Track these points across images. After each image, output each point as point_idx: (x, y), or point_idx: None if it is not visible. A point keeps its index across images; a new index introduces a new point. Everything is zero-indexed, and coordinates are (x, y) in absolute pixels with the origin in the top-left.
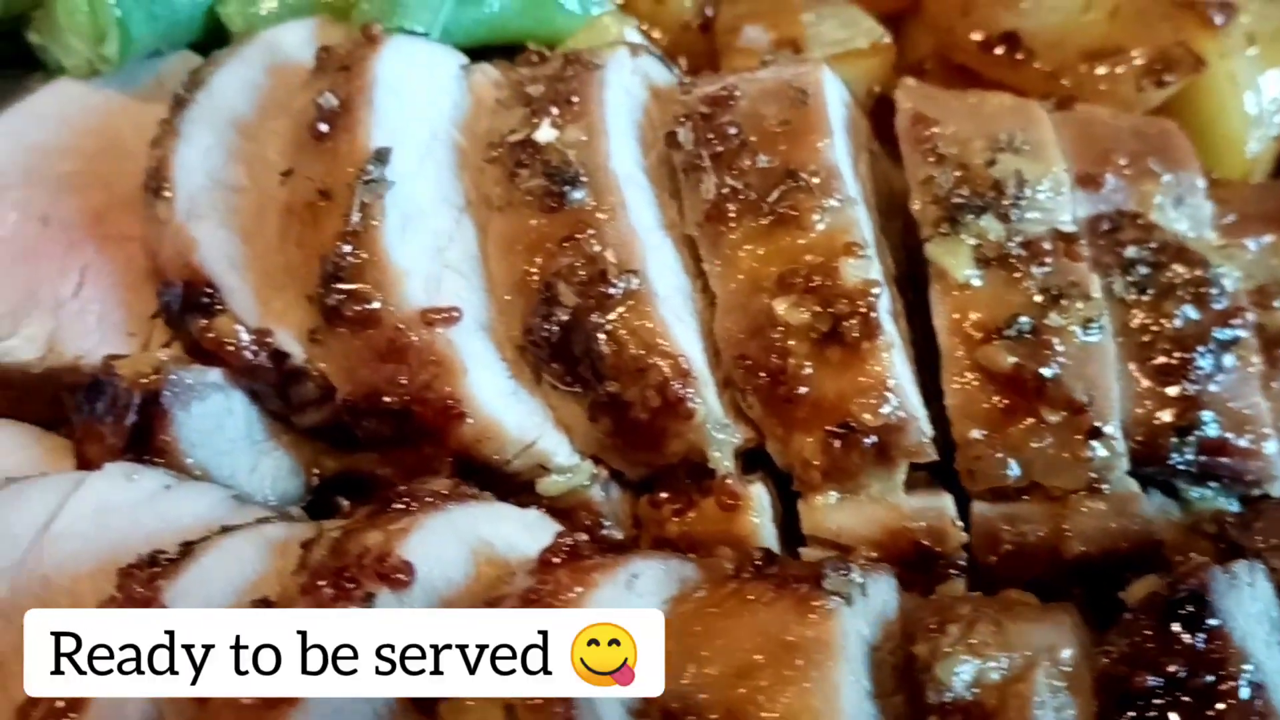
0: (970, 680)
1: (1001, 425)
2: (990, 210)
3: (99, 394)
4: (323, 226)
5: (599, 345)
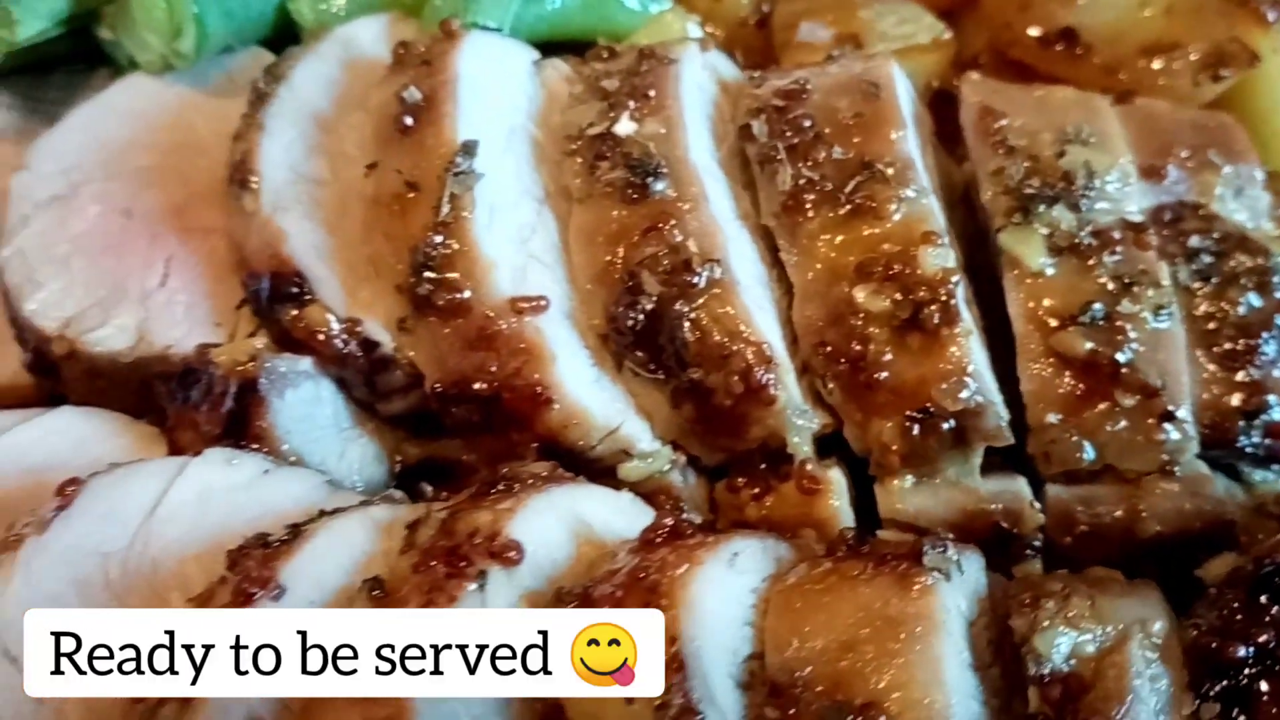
0: (1068, 652)
1: (1077, 409)
2: (1061, 200)
3: (194, 381)
4: (411, 218)
5: (683, 333)
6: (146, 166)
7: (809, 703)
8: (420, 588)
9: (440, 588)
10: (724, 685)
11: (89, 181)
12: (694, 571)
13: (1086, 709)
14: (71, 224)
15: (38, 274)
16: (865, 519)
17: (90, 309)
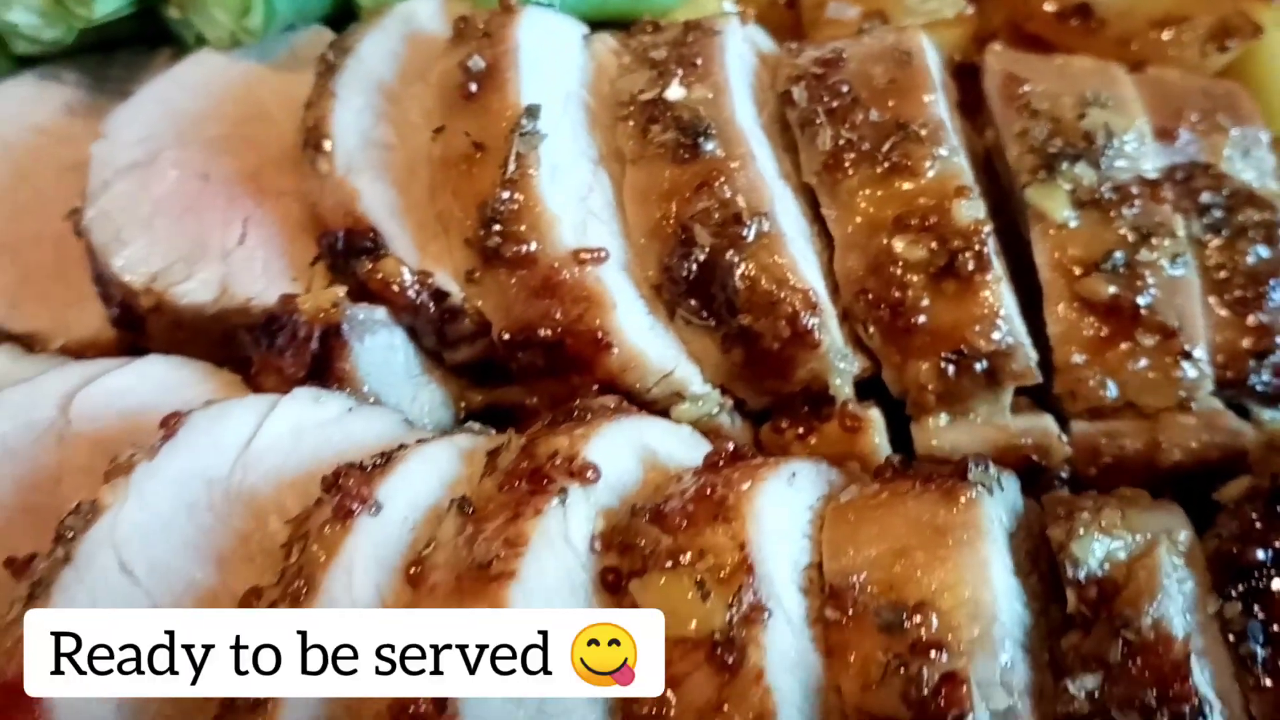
0: (1101, 557)
1: (1101, 349)
2: (1083, 158)
3: (279, 328)
4: (479, 176)
5: (734, 281)
6: (218, 135)
7: (865, 604)
8: (506, 505)
9: (525, 504)
10: (788, 589)
11: (166, 149)
12: (758, 487)
13: (1120, 605)
14: (152, 187)
15: (123, 233)
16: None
17: (175, 264)
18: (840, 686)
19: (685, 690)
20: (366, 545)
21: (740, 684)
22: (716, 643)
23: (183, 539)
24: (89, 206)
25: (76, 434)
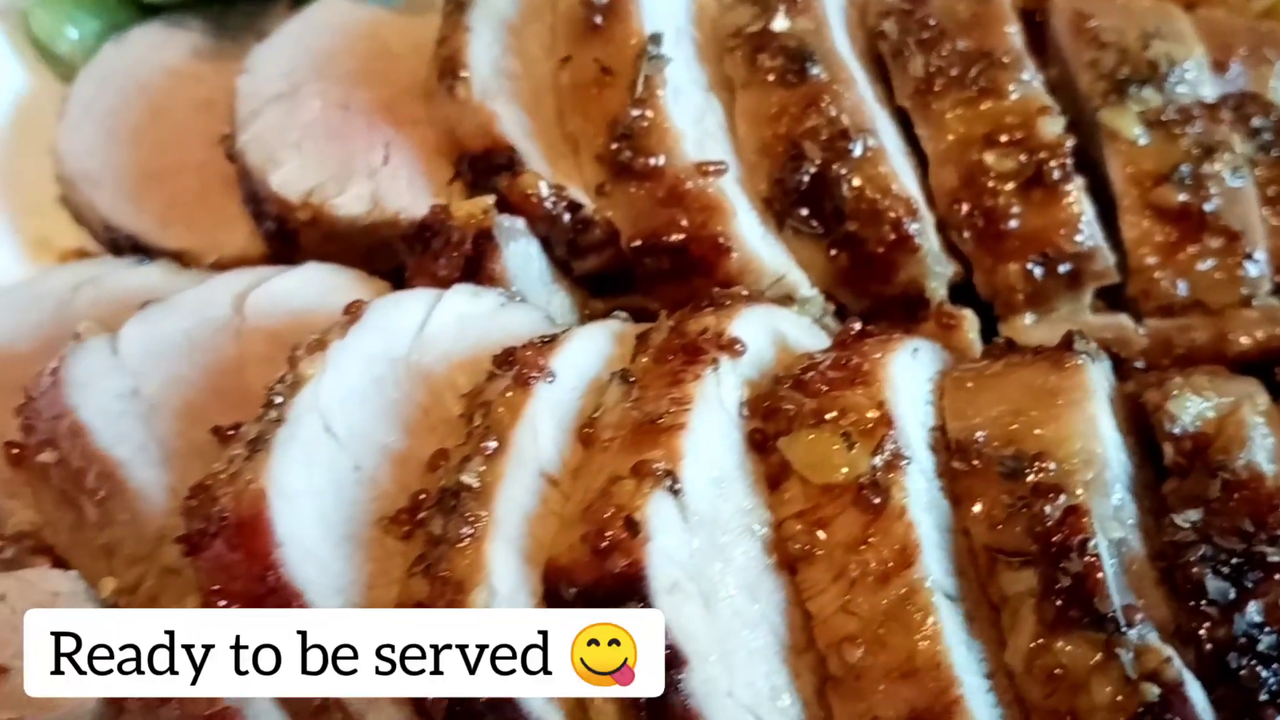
0: (1195, 414)
1: (1172, 253)
2: (1150, 83)
3: (434, 234)
4: (608, 98)
5: (842, 191)
6: (352, 70)
7: (989, 456)
8: (665, 374)
9: (684, 370)
10: (919, 444)
11: (306, 82)
12: (889, 356)
13: (1214, 454)
14: (298, 115)
15: (276, 155)
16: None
17: (327, 182)
18: (968, 529)
19: (833, 530)
20: (545, 408)
21: (885, 520)
22: (862, 485)
23: (374, 409)
24: (241, 133)
25: (252, 329)
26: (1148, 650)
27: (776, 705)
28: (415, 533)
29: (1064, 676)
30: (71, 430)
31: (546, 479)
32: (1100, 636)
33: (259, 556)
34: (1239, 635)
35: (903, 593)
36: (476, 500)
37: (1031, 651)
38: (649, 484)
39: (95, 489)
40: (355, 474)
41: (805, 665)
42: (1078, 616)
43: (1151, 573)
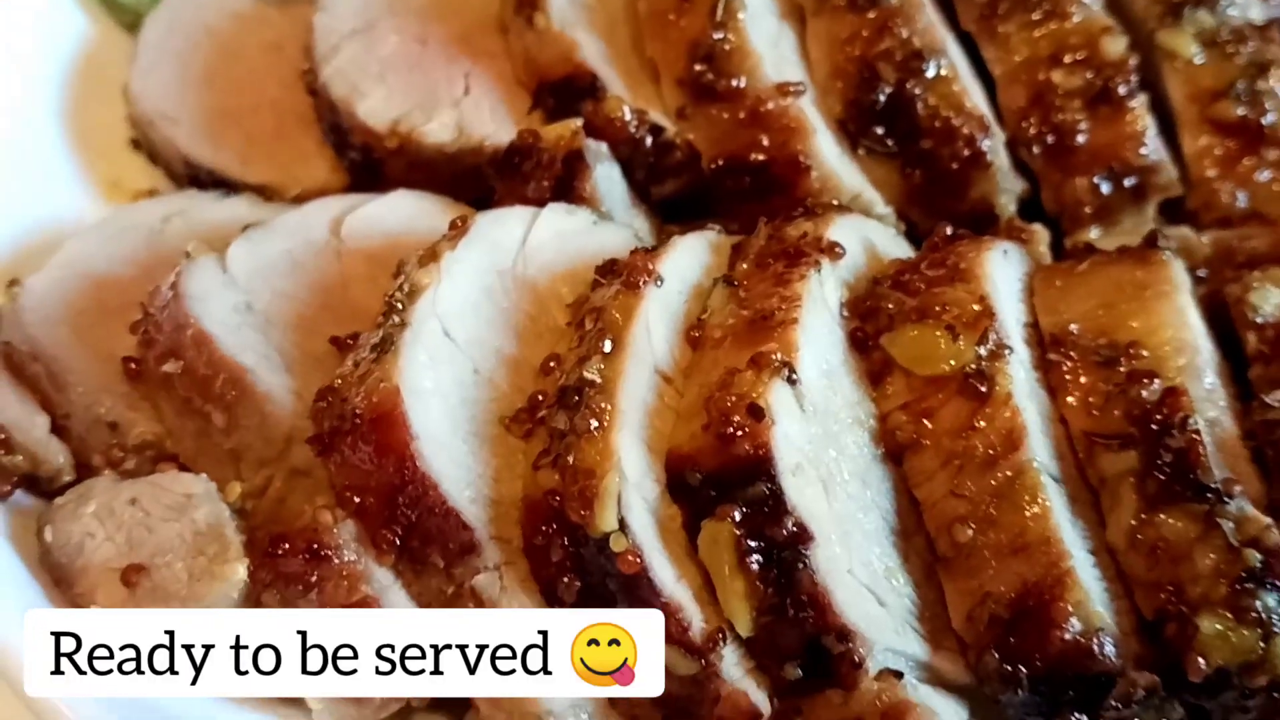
0: (1276, 304)
1: (1231, 164)
2: (1203, 6)
3: (524, 157)
4: (689, 22)
5: (918, 108)
6: (425, 5)
7: (1084, 346)
8: (767, 278)
9: (789, 271)
10: (1016, 337)
11: (381, 18)
12: (984, 254)
13: None
14: (377, 49)
15: (360, 86)
16: None
17: (412, 111)
18: (1065, 417)
19: (939, 419)
20: (655, 309)
21: (991, 406)
22: (968, 375)
23: (487, 316)
24: (322, 67)
25: (351, 250)
26: (1248, 519)
27: (891, 585)
28: (536, 430)
29: (1167, 549)
30: (195, 340)
31: (661, 376)
32: (1202, 508)
33: (395, 450)
34: None
35: (1010, 474)
36: (601, 394)
37: (1133, 528)
38: (768, 373)
39: (222, 395)
40: (475, 376)
41: (913, 549)
42: (1180, 490)
43: (1243, 451)
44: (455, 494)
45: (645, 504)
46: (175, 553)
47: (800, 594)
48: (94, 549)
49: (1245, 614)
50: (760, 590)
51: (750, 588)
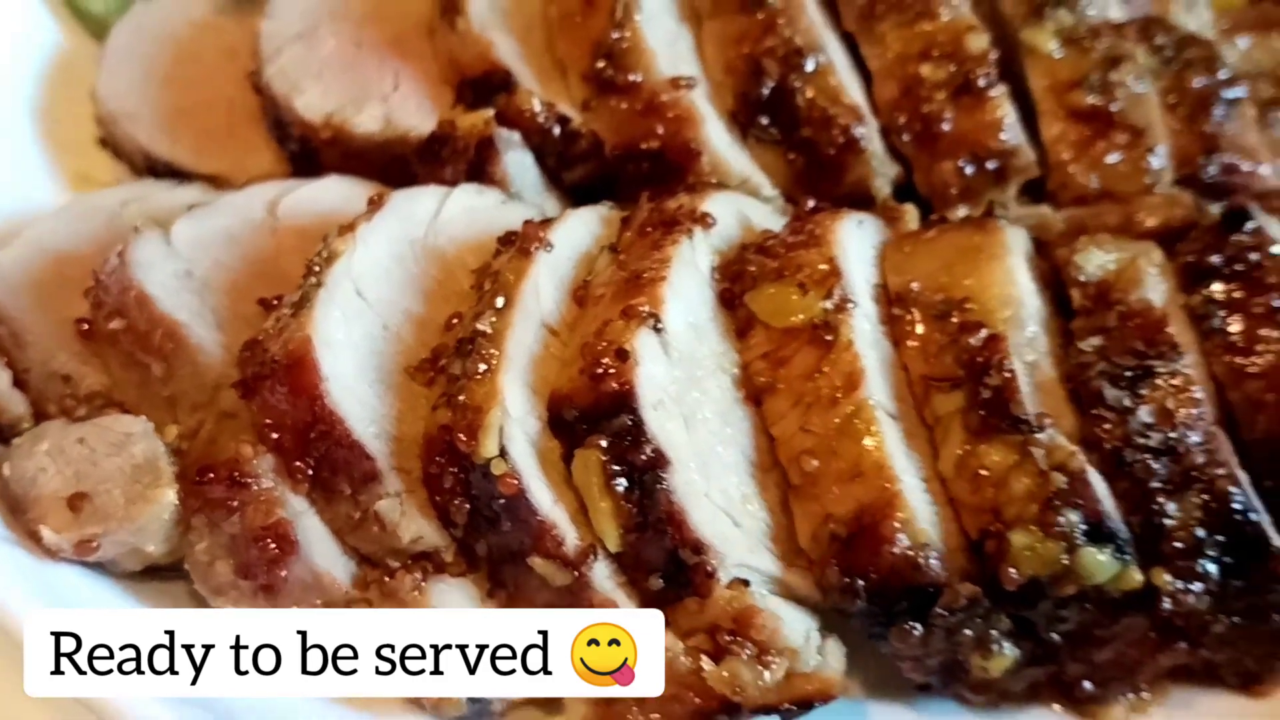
0: (1098, 264)
1: (1085, 148)
2: (1063, 5)
3: (442, 144)
4: (591, 24)
5: (798, 100)
6: (363, 13)
7: (924, 301)
8: (645, 244)
9: (664, 237)
10: (864, 296)
11: (322, 23)
12: (837, 223)
13: (1113, 294)
14: (317, 51)
15: (300, 84)
16: None
17: (345, 105)
18: (906, 365)
19: (791, 365)
20: (545, 271)
21: (835, 353)
22: (816, 326)
23: (397, 280)
24: (267, 67)
25: (284, 226)
26: (1056, 447)
27: (746, 509)
28: (437, 379)
29: (988, 476)
30: (138, 300)
31: (548, 329)
32: (1017, 438)
33: (306, 390)
34: (1133, 434)
35: (850, 410)
36: (490, 342)
37: (960, 458)
38: (635, 323)
39: (160, 348)
40: (384, 331)
41: (771, 481)
42: (998, 423)
43: (1061, 392)
44: (360, 429)
45: (526, 436)
46: (114, 481)
47: (659, 513)
48: (46, 481)
49: (1051, 529)
50: (625, 510)
51: (616, 507)
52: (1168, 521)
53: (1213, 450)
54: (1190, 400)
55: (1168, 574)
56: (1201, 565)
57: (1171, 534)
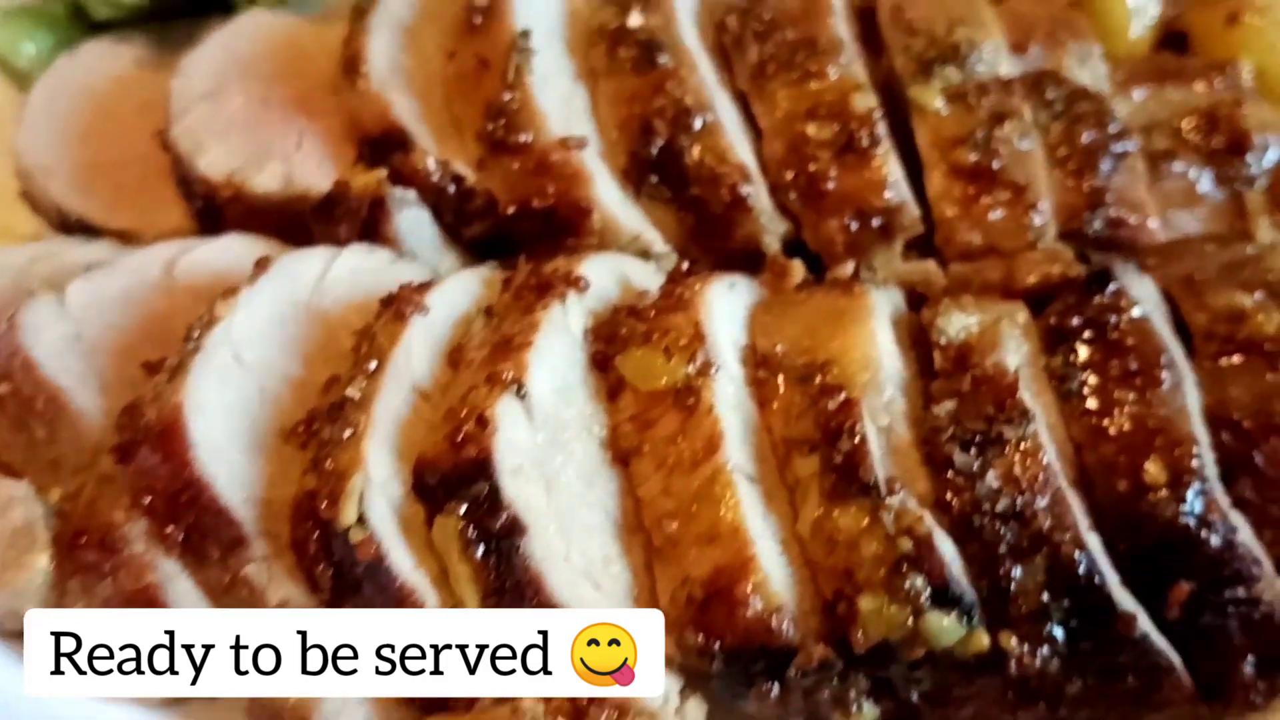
0: (960, 327)
1: (968, 205)
2: (951, 63)
3: (336, 204)
4: (485, 85)
5: (686, 160)
6: (271, 70)
7: (788, 366)
8: (520, 308)
9: (536, 302)
10: (730, 358)
11: (230, 82)
12: (707, 287)
13: (972, 357)
14: (223, 110)
15: (204, 143)
16: None
17: (247, 164)
18: (770, 425)
19: (657, 428)
20: (419, 335)
21: (696, 417)
22: (679, 391)
23: (277, 342)
24: (174, 125)
25: (180, 287)
26: (905, 512)
27: (609, 571)
28: (310, 442)
29: (840, 538)
30: (23, 365)
31: (419, 393)
32: (867, 503)
33: (176, 456)
34: (981, 498)
35: (709, 474)
36: (357, 408)
37: (816, 521)
38: (498, 389)
39: (43, 411)
40: (260, 394)
41: (636, 542)
42: (849, 488)
43: (916, 455)
44: (228, 495)
45: (389, 502)
46: None
47: (517, 577)
48: None
49: (898, 594)
50: (484, 575)
51: (475, 572)
52: (1014, 585)
53: (1060, 514)
54: (1038, 465)
55: (1015, 637)
56: (1048, 628)
57: (1018, 598)
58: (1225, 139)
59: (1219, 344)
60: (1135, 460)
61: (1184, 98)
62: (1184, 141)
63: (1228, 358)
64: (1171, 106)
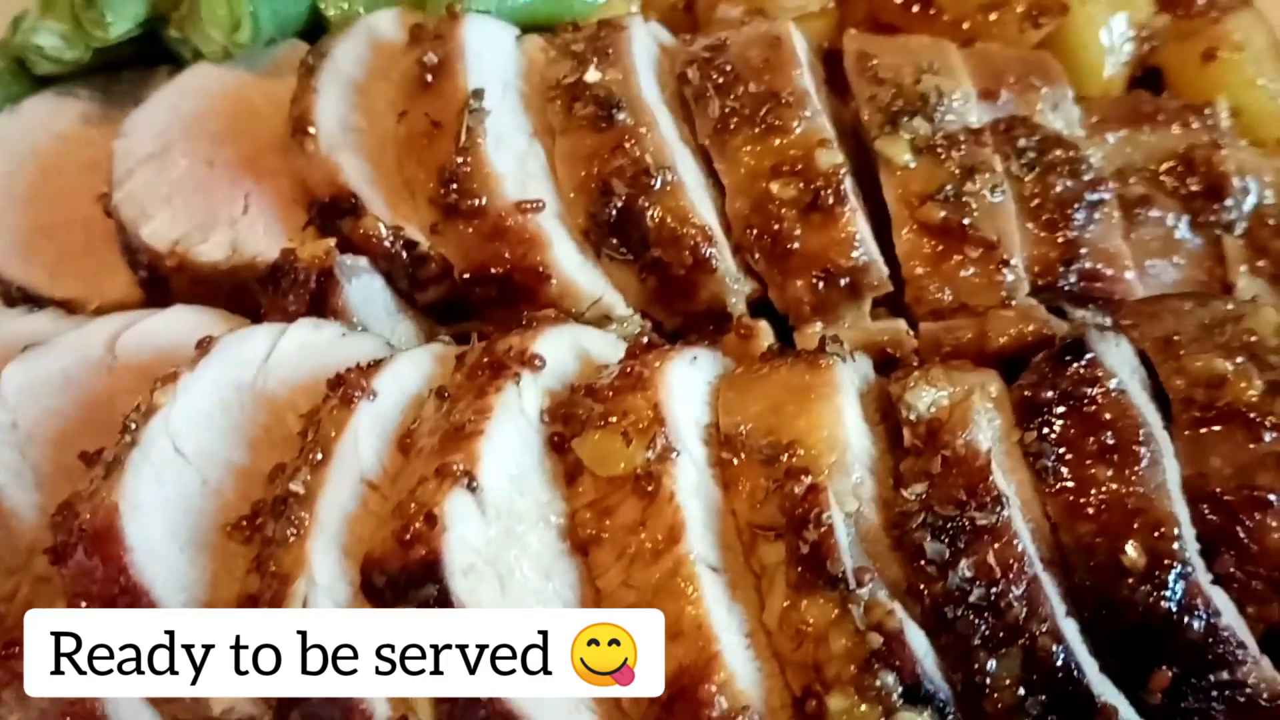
0: (929, 403)
1: (938, 263)
2: (919, 114)
3: (283, 274)
4: (437, 148)
5: (647, 221)
6: (218, 130)
7: (751, 446)
8: (472, 390)
9: (489, 384)
10: (692, 439)
11: (176, 142)
12: (667, 364)
13: (943, 435)
14: (167, 173)
15: (147, 209)
16: None
17: (192, 231)
18: (735, 509)
19: (616, 516)
20: (366, 422)
21: (657, 505)
22: (639, 477)
23: (220, 430)
24: (116, 191)
25: (122, 366)
26: (875, 605)
27: None
28: (254, 537)
29: (808, 631)
30: None
31: (367, 484)
32: (835, 595)
33: (112, 560)
34: (953, 589)
35: (670, 566)
36: (301, 504)
37: (783, 612)
38: (448, 483)
39: None
40: (203, 487)
41: None
42: (815, 579)
43: (886, 540)
44: (166, 599)
45: (334, 604)
46: None
47: None
48: None
49: (868, 692)
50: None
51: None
52: (989, 680)
53: (1035, 603)
54: (1012, 553)
55: None
56: None
57: (993, 692)
58: (1203, 183)
59: (1198, 411)
60: (1113, 543)
61: (1160, 140)
62: (1161, 186)
63: (1207, 426)
64: (1147, 150)
